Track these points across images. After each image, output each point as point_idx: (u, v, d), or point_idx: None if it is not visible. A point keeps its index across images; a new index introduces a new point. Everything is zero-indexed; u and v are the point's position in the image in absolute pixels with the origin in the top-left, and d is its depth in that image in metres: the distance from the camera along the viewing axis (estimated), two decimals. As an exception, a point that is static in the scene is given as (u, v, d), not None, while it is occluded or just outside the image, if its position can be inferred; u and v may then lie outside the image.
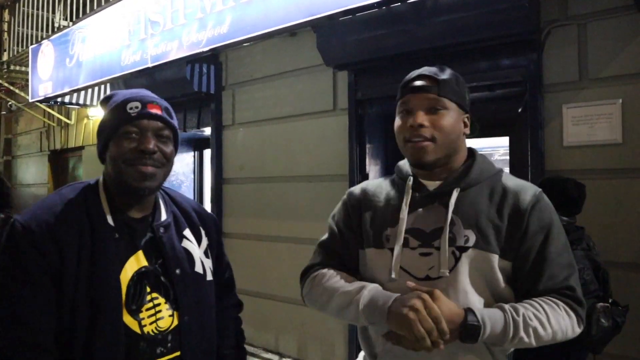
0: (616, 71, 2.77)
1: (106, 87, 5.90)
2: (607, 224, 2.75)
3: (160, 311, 1.22)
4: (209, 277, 1.36)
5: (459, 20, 3.02)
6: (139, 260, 1.23)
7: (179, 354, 1.23)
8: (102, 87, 6.03)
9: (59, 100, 6.05)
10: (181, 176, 5.33)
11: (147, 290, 1.22)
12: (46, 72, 5.73)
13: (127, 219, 1.25)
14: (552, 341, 1.22)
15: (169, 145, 1.26)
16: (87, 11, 5.46)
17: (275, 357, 4.25)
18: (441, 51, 3.21)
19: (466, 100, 1.34)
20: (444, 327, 1.10)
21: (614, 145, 2.75)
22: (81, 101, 6.21)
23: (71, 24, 5.55)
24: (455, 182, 1.29)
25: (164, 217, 1.32)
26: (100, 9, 4.91)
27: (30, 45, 6.25)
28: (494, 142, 6.37)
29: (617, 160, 2.75)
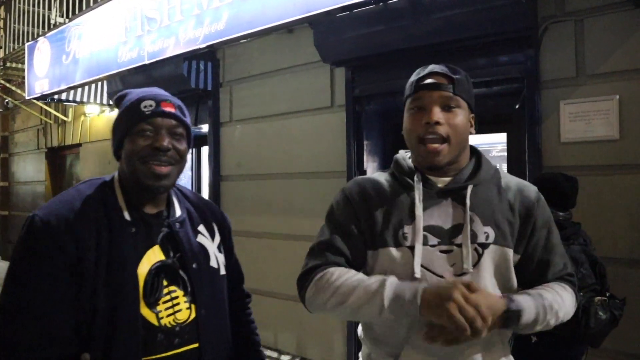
0: (613, 67, 2.77)
1: (103, 84, 5.90)
2: (604, 219, 2.75)
3: (178, 304, 1.25)
4: (222, 271, 1.40)
5: (457, 16, 3.02)
6: (155, 254, 1.26)
7: (196, 345, 1.26)
8: (98, 84, 6.02)
9: (56, 97, 6.03)
10: (179, 173, 5.32)
11: (164, 283, 1.25)
12: (42, 69, 5.71)
13: (142, 214, 1.28)
14: (561, 321, 1.28)
15: (183, 142, 1.29)
16: (83, 8, 5.44)
17: (274, 354, 4.26)
18: (438, 48, 3.21)
19: (473, 100, 1.34)
20: (485, 313, 1.08)
21: (611, 141, 2.76)
22: (78, 98, 6.19)
23: (67, 20, 5.53)
24: (467, 179, 1.30)
25: (178, 212, 1.36)
26: (96, 5, 4.89)
27: (26, 42, 6.23)
28: (492, 139, 6.39)
29: (614, 156, 2.75)
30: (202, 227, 1.39)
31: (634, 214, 2.70)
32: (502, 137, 3.56)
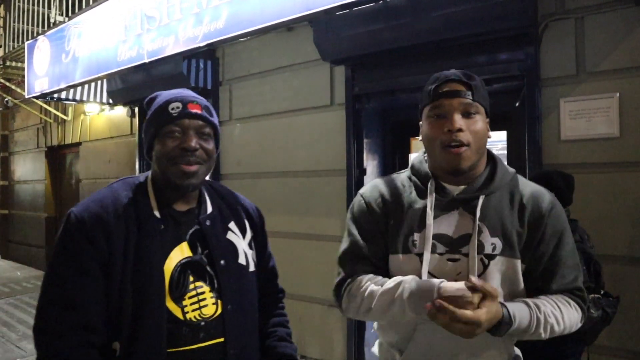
0: (614, 65, 2.76)
1: (102, 82, 5.89)
2: (604, 217, 2.75)
3: (204, 299, 1.29)
4: (252, 268, 1.42)
5: (456, 14, 3.01)
6: (183, 250, 1.30)
7: (222, 340, 1.30)
8: (98, 83, 6.02)
9: (56, 96, 6.02)
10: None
11: (191, 279, 1.29)
12: (42, 67, 5.71)
13: (173, 212, 1.33)
14: (560, 334, 1.30)
15: (210, 142, 1.33)
16: (83, 6, 5.44)
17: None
18: (438, 45, 3.21)
19: (489, 105, 1.36)
20: (481, 329, 1.14)
21: (611, 139, 2.76)
22: (78, 97, 6.19)
23: (67, 19, 5.52)
24: (480, 188, 1.31)
25: (209, 210, 1.40)
26: (96, 4, 4.88)
27: (26, 40, 6.22)
28: (492, 137, 6.42)
29: (614, 153, 2.75)
30: (232, 224, 1.43)
31: (634, 212, 2.70)
32: (502, 135, 3.56)
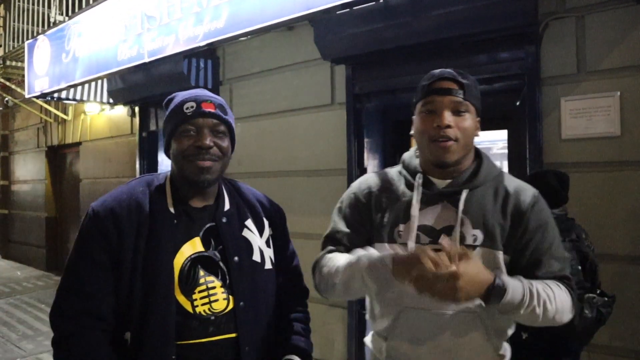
0: (614, 64, 2.76)
1: (103, 82, 5.89)
2: (605, 216, 2.75)
3: (214, 294, 1.32)
4: (268, 265, 1.44)
5: (457, 13, 3.01)
6: (194, 245, 1.34)
7: (234, 335, 1.32)
8: (98, 83, 6.01)
9: (56, 95, 6.02)
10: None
11: (201, 273, 1.32)
12: (42, 67, 5.70)
13: (188, 208, 1.37)
14: (553, 320, 1.30)
15: (225, 139, 1.38)
16: (83, 6, 5.43)
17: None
18: (439, 44, 3.20)
19: (480, 104, 1.40)
20: (446, 262, 1.15)
21: (612, 138, 2.75)
22: (78, 97, 6.18)
23: (67, 18, 5.52)
24: (464, 183, 1.37)
25: (227, 207, 1.43)
26: (96, 3, 4.88)
27: (26, 40, 6.22)
28: (492, 136, 6.38)
29: (615, 153, 2.75)
30: (249, 222, 1.45)
31: (635, 211, 2.69)
32: (502, 134, 3.55)
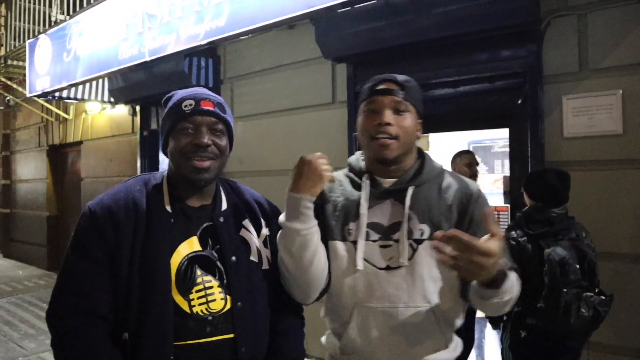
0: (616, 62, 2.76)
1: (104, 81, 5.89)
2: (607, 214, 2.75)
3: (212, 294, 1.31)
4: (265, 265, 1.43)
5: (458, 11, 3.00)
6: (192, 245, 1.33)
7: (232, 336, 1.31)
8: (99, 82, 6.02)
9: (57, 94, 6.02)
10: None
11: (198, 273, 1.31)
12: (43, 66, 5.71)
13: (185, 207, 1.36)
14: (501, 311, 1.38)
15: (223, 138, 1.36)
16: (84, 5, 5.43)
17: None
18: (440, 42, 3.20)
19: (422, 107, 1.47)
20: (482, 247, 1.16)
21: (614, 136, 2.75)
22: (79, 96, 6.19)
23: (68, 17, 5.52)
24: (410, 180, 1.43)
25: (224, 206, 1.43)
26: (97, 2, 4.88)
27: (27, 39, 6.22)
28: (493, 134, 6.37)
29: (617, 151, 2.74)
30: (247, 222, 1.44)
31: (636, 209, 2.69)
32: (504, 133, 3.55)
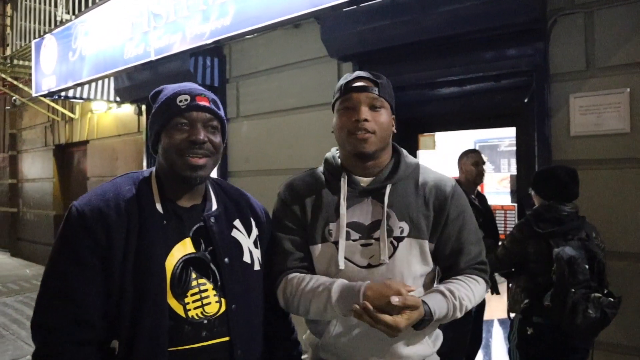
0: (624, 60, 2.73)
1: (109, 80, 5.91)
2: (615, 214, 2.73)
3: (207, 297, 1.27)
4: (257, 267, 1.39)
5: (464, 9, 2.99)
6: (186, 247, 1.28)
7: (227, 339, 1.27)
8: (105, 81, 6.03)
9: (63, 94, 6.04)
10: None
11: (193, 276, 1.26)
12: (49, 66, 5.72)
13: (176, 207, 1.31)
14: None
15: (218, 135, 1.32)
16: (89, 4, 5.44)
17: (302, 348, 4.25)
18: (446, 41, 3.19)
19: (394, 103, 1.50)
20: (405, 326, 1.24)
21: (622, 134, 2.73)
22: (85, 95, 6.20)
23: (73, 17, 5.54)
24: (386, 178, 1.44)
25: (214, 207, 1.38)
26: (102, 2, 4.88)
27: (33, 39, 6.24)
28: (499, 133, 6.35)
29: (625, 150, 2.72)
30: (237, 222, 1.40)
31: (645, 208, 2.67)
32: (510, 132, 3.54)
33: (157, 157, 1.33)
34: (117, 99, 6.15)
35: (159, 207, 1.28)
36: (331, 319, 1.41)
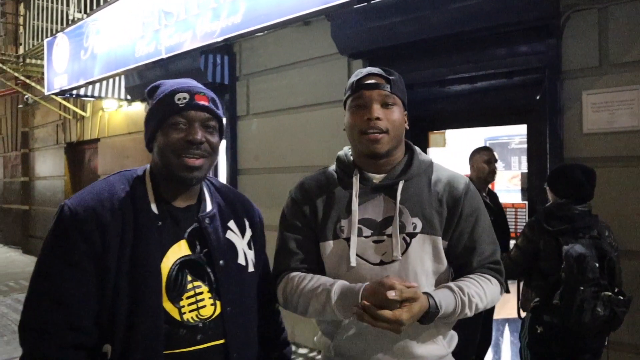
0: (638, 56, 2.71)
1: (120, 79, 5.94)
2: (627, 212, 2.70)
3: (202, 300, 1.24)
4: (251, 268, 1.37)
5: (475, 6, 2.97)
6: (181, 248, 1.24)
7: (222, 342, 1.25)
8: (116, 79, 6.07)
9: (75, 92, 6.09)
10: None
11: (189, 278, 1.23)
12: (61, 64, 5.77)
13: (171, 208, 1.27)
14: (483, 310, 1.40)
15: (215, 135, 1.29)
16: (101, 3, 5.48)
17: (292, 347, 4.26)
18: (457, 38, 3.17)
19: (406, 99, 1.46)
20: (407, 321, 1.21)
21: (635, 132, 2.70)
22: (96, 93, 6.25)
23: (85, 16, 5.58)
24: (399, 175, 1.43)
25: (209, 207, 1.34)
26: (113, 0, 4.92)
27: (45, 38, 6.30)
28: (510, 131, 6.32)
29: (638, 147, 2.70)
30: (232, 223, 1.37)
31: (659, 206, 2.64)
32: (521, 129, 3.51)
33: (152, 155, 1.29)
34: (128, 97, 6.19)
35: (154, 208, 1.24)
36: (337, 320, 1.39)
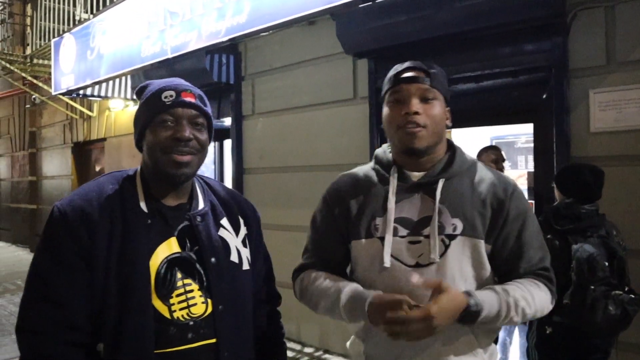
0: (645, 54, 2.68)
1: (127, 78, 5.97)
2: (635, 211, 2.68)
3: (192, 298, 1.23)
4: (245, 266, 1.35)
5: (481, 4, 2.96)
6: (171, 246, 1.24)
7: (214, 341, 1.23)
8: (122, 79, 6.09)
9: (81, 92, 6.12)
10: (202, 166, 5.37)
11: (179, 276, 1.22)
12: (68, 65, 5.80)
13: (161, 206, 1.26)
14: (533, 318, 1.32)
15: (204, 132, 1.28)
16: (107, 3, 5.50)
17: (297, 346, 4.27)
18: (462, 37, 3.16)
19: (449, 94, 1.40)
20: (435, 322, 1.14)
21: (643, 130, 2.68)
22: (103, 93, 6.28)
23: (92, 16, 5.60)
24: (440, 172, 1.35)
25: (201, 205, 1.33)
26: (120, 1, 4.93)
27: (52, 38, 6.33)
28: (516, 130, 6.28)
29: (646, 146, 2.68)
30: (225, 221, 1.35)
31: (667, 206, 2.62)
32: (527, 128, 3.49)
33: (142, 154, 1.29)
34: (134, 97, 6.21)
35: (143, 206, 1.24)
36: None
